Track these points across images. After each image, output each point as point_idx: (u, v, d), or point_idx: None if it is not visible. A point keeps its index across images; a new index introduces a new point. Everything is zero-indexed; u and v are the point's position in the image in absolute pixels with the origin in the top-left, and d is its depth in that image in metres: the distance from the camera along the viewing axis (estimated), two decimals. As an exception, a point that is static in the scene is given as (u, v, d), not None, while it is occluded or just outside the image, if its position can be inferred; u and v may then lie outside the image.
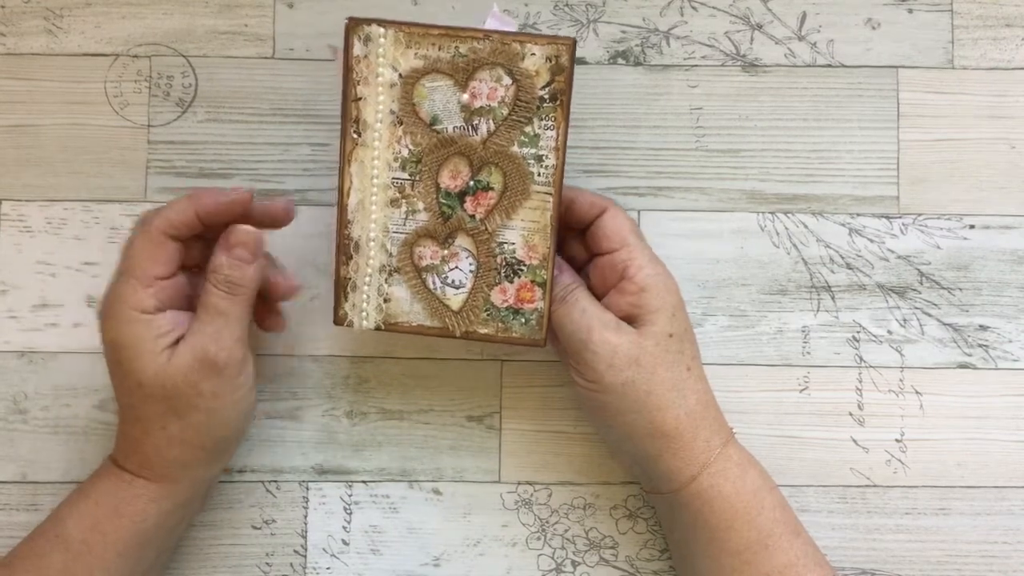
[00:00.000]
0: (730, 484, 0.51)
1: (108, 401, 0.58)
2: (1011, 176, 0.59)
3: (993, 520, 0.58)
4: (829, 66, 0.59)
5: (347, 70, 0.51)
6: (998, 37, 0.59)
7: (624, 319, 0.51)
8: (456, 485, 0.58)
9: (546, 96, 0.50)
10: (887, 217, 0.59)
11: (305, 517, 0.58)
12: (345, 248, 0.52)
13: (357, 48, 0.50)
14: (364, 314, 0.53)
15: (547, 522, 0.58)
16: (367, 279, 0.52)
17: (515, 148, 0.51)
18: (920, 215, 0.59)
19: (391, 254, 0.52)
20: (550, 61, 0.50)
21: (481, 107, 0.50)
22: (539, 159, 0.51)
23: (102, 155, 0.59)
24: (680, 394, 0.51)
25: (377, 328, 0.53)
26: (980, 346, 0.58)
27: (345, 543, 0.58)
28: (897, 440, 0.58)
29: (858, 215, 0.59)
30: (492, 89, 0.50)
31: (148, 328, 0.49)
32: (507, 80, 0.50)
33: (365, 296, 0.53)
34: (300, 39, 0.59)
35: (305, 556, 0.57)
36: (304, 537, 0.57)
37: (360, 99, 0.51)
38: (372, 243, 0.52)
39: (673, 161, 0.59)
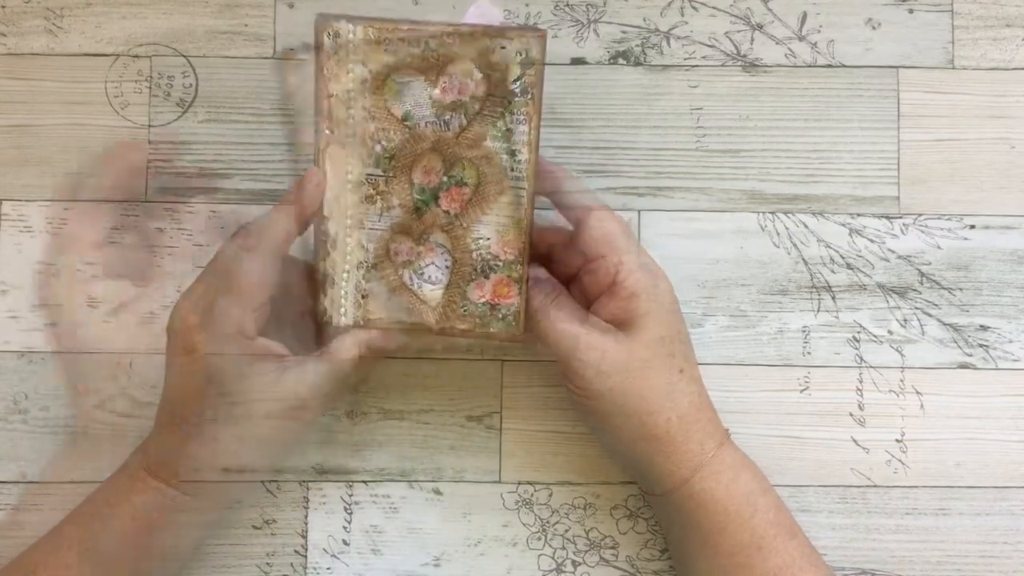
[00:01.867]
0: (722, 487, 0.51)
1: (107, 401, 0.58)
2: (1011, 176, 0.59)
3: (993, 520, 0.58)
4: (829, 66, 0.59)
5: (319, 68, 0.51)
6: (998, 37, 0.60)
7: (614, 323, 0.51)
8: (456, 485, 0.58)
9: (517, 90, 0.50)
10: (887, 217, 0.59)
11: (305, 517, 0.58)
12: (322, 244, 0.52)
13: (327, 45, 0.50)
14: (343, 310, 0.53)
15: (547, 522, 0.58)
16: (345, 275, 0.52)
17: (488, 143, 0.51)
18: (920, 215, 0.59)
19: (368, 250, 0.52)
20: (520, 55, 0.50)
21: (452, 102, 0.50)
22: (512, 154, 0.51)
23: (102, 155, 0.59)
24: (671, 398, 0.51)
25: (355, 324, 0.53)
26: (980, 346, 0.58)
27: (345, 543, 0.58)
28: (897, 440, 0.58)
29: (858, 215, 0.59)
30: (463, 84, 0.50)
31: (260, 351, 0.50)
32: (478, 74, 0.50)
33: (343, 292, 0.53)
34: (300, 39, 0.59)
35: (305, 556, 0.57)
36: (304, 537, 0.57)
37: (332, 96, 0.51)
38: (349, 239, 0.52)
39: (673, 161, 0.59)
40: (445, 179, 0.51)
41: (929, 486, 0.58)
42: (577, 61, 0.59)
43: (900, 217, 0.59)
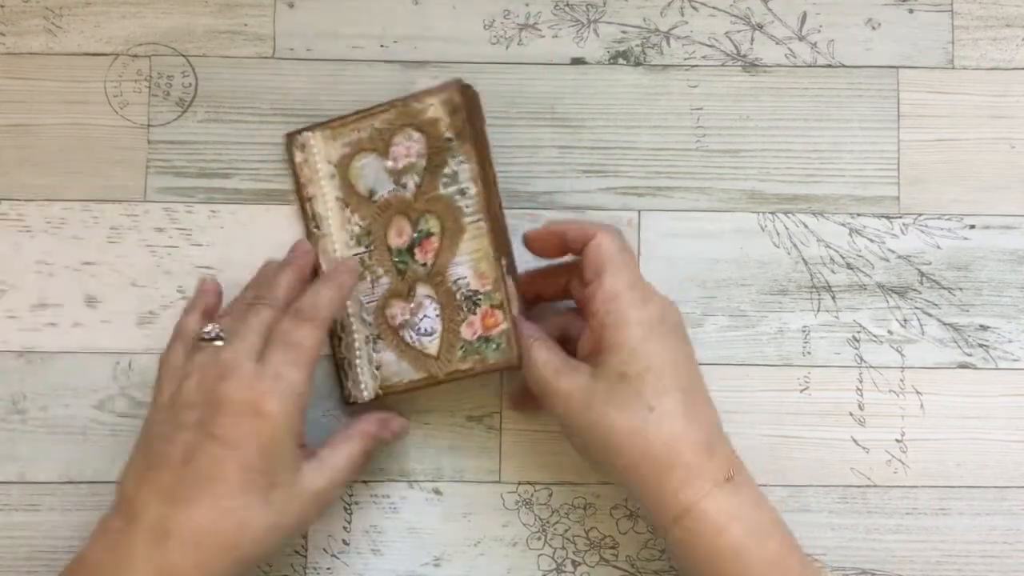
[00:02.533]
0: (705, 542, 0.48)
1: (107, 401, 0.57)
2: (1011, 176, 0.59)
3: (993, 520, 0.58)
4: (829, 66, 0.59)
5: (295, 178, 0.57)
6: (998, 37, 0.60)
7: (592, 354, 0.51)
8: (456, 485, 0.58)
9: (451, 136, 0.54)
10: (887, 217, 0.59)
11: (305, 517, 0.58)
12: (333, 331, 0.57)
13: (298, 156, 0.57)
14: (363, 385, 0.56)
15: (547, 522, 0.58)
16: (358, 353, 0.56)
17: (441, 191, 0.55)
18: (920, 215, 0.59)
19: (370, 323, 0.56)
20: (446, 105, 0.54)
21: (404, 166, 0.55)
22: (463, 193, 0.54)
23: (101, 155, 0.59)
24: (640, 439, 0.48)
25: (376, 396, 0.56)
26: (980, 346, 0.59)
27: (345, 543, 0.57)
28: (897, 440, 0.58)
29: (858, 215, 0.59)
30: (407, 147, 0.55)
31: (301, 434, 0.50)
32: (416, 135, 0.55)
33: (360, 369, 0.56)
34: (300, 39, 0.59)
35: (305, 556, 0.57)
36: (304, 537, 0.57)
37: (311, 198, 0.57)
38: (353, 319, 0.56)
39: (673, 161, 0.59)
40: (415, 235, 0.55)
41: (929, 486, 0.58)
42: (577, 61, 0.59)
43: (900, 217, 0.59)
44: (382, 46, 0.59)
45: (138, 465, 0.49)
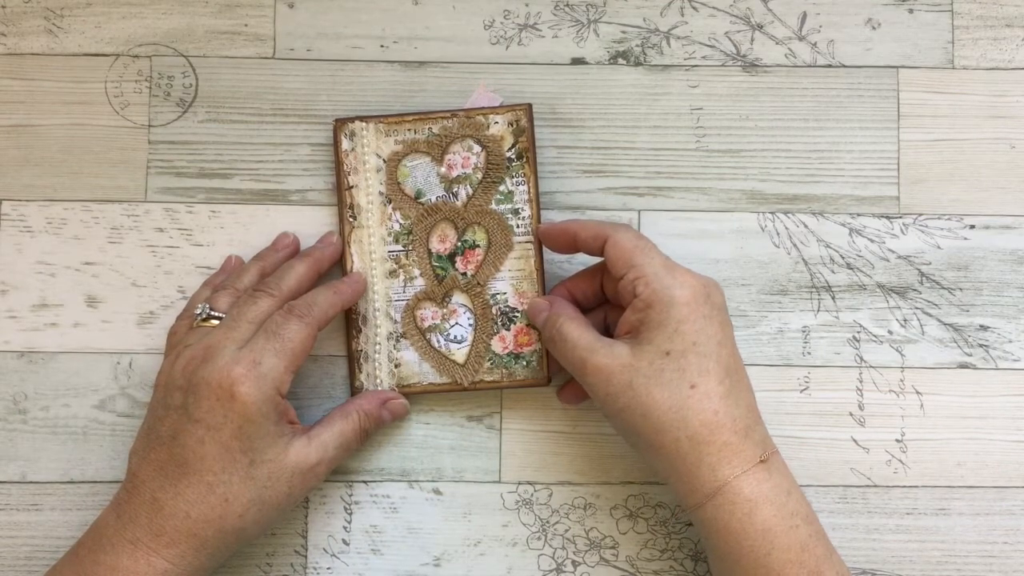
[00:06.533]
0: (736, 520, 0.49)
1: (107, 401, 0.58)
2: (1011, 176, 0.59)
3: (993, 520, 0.58)
4: (829, 66, 0.59)
5: (338, 163, 0.57)
6: (998, 37, 0.60)
7: (631, 335, 0.51)
8: (456, 485, 0.58)
9: (513, 156, 0.56)
10: (887, 217, 0.59)
11: (305, 517, 0.58)
12: (354, 322, 0.57)
13: (344, 144, 0.57)
14: (378, 381, 0.57)
15: (547, 522, 0.58)
16: (377, 348, 0.56)
17: (493, 206, 0.56)
18: (920, 215, 0.59)
19: (396, 321, 0.56)
20: (512, 125, 0.56)
21: (458, 175, 0.56)
22: (516, 212, 0.56)
23: (102, 155, 0.59)
24: (680, 415, 0.49)
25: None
26: (980, 346, 0.59)
27: (345, 543, 0.58)
28: (897, 440, 0.58)
29: (858, 215, 0.59)
30: (465, 158, 0.56)
31: (284, 413, 0.51)
32: (477, 148, 0.56)
33: (377, 364, 0.57)
34: (300, 39, 0.59)
35: (305, 556, 0.57)
36: (304, 537, 0.57)
37: (352, 187, 0.56)
38: (378, 313, 0.56)
39: (673, 161, 0.59)
40: (459, 244, 0.56)
41: (929, 486, 0.58)
42: (577, 61, 0.59)
43: (900, 217, 0.59)
44: (382, 46, 0.59)
45: (141, 441, 0.52)
